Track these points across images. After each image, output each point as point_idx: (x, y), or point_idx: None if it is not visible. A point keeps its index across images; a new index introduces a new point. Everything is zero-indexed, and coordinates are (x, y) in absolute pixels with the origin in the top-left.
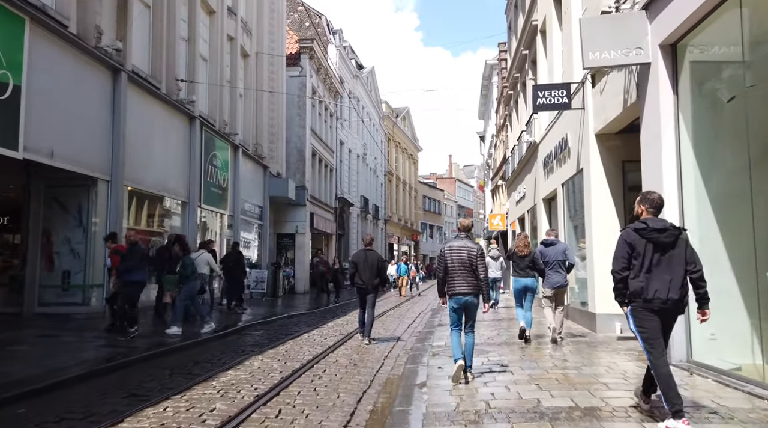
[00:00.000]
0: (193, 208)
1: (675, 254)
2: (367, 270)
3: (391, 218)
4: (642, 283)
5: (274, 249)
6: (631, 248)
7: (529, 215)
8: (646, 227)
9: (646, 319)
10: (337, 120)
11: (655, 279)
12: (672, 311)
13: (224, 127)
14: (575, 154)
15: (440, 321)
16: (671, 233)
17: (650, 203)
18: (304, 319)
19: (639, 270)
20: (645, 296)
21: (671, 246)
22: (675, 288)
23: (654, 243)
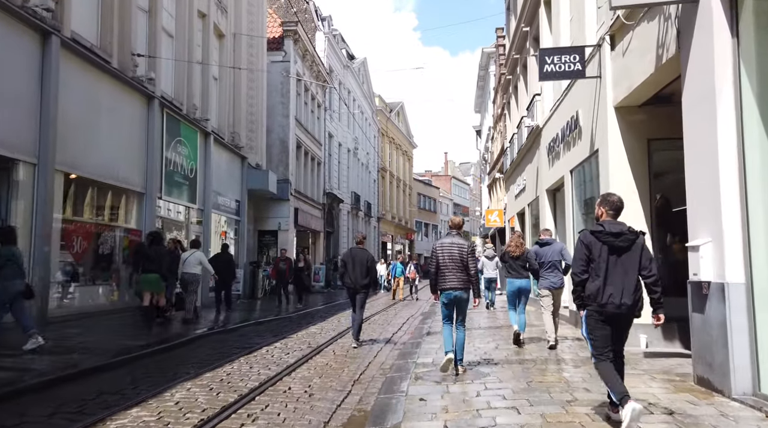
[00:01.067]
0: (151, 199)
1: (630, 259)
2: (356, 270)
3: (385, 215)
4: (597, 287)
5: (254, 247)
6: (588, 250)
7: (530, 209)
8: (603, 230)
9: (597, 327)
10: (325, 111)
11: (609, 284)
12: (625, 317)
13: (193, 111)
14: (588, 133)
15: (430, 329)
16: (627, 238)
17: (610, 205)
18: (274, 326)
19: (595, 274)
20: (599, 300)
21: (626, 250)
22: (628, 293)
23: (609, 247)
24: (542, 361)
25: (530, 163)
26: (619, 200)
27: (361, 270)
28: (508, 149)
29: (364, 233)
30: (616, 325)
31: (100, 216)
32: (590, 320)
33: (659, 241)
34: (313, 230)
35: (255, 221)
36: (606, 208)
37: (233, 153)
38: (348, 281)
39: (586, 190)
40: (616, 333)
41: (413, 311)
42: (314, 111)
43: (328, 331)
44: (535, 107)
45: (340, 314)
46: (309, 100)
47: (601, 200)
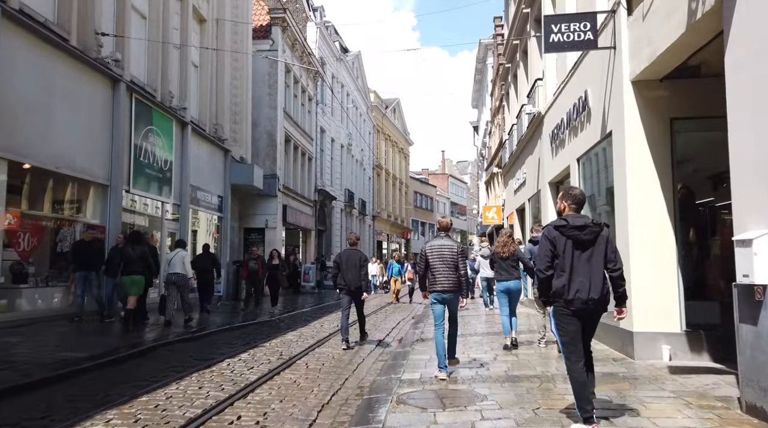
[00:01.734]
0: (116, 193)
1: (595, 252)
2: (350, 271)
3: (380, 214)
4: (563, 282)
5: (239, 246)
6: (553, 246)
7: (530, 204)
8: (567, 224)
9: (567, 323)
10: (317, 105)
11: (575, 278)
12: (593, 312)
13: (169, 99)
14: (599, 115)
15: (422, 335)
16: (591, 231)
17: (572, 199)
18: (249, 332)
19: (561, 269)
20: (566, 296)
21: (591, 243)
22: (596, 288)
23: (574, 241)
24: (548, 378)
25: (531, 154)
26: (581, 194)
27: (356, 272)
28: (507, 142)
29: (358, 232)
30: (585, 321)
31: (56, 210)
32: (559, 315)
33: (683, 237)
34: (303, 228)
35: (240, 218)
36: (568, 202)
37: (215, 146)
38: (341, 283)
39: (596, 180)
40: (587, 327)
41: (405, 315)
42: (305, 104)
43: (306, 338)
44: (536, 93)
45: (325, 317)
46: (299, 93)
47: (563, 194)
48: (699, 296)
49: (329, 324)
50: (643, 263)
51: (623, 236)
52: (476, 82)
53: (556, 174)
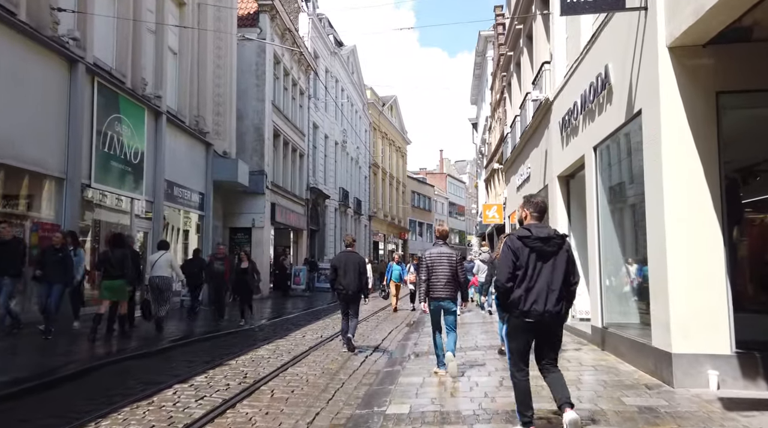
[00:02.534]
0: (74, 187)
1: (557, 264)
2: (348, 274)
3: (376, 214)
4: (520, 293)
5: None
6: (515, 256)
7: None
8: (530, 234)
9: (519, 334)
10: (309, 99)
11: (533, 290)
12: (549, 324)
13: (142, 86)
14: (624, 92)
15: (415, 348)
16: (555, 242)
17: (534, 208)
18: (219, 344)
19: (521, 280)
20: (522, 307)
21: (554, 255)
22: (552, 300)
23: (537, 252)
24: None
25: (536, 147)
26: (543, 202)
27: (354, 275)
28: (509, 135)
29: (354, 233)
30: (542, 333)
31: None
32: (513, 323)
33: (731, 235)
34: (294, 227)
35: (225, 217)
36: (530, 210)
37: (196, 139)
38: (339, 287)
39: (617, 171)
40: (546, 342)
41: (398, 322)
42: (296, 98)
43: (281, 353)
44: (543, 78)
45: (310, 325)
46: (290, 86)
47: (524, 202)
48: (751, 307)
49: (312, 335)
50: (683, 267)
51: (657, 236)
52: (475, 77)
53: (566, 166)
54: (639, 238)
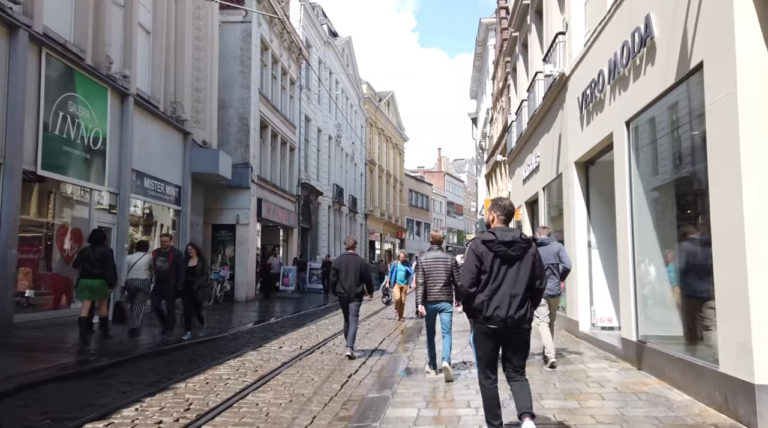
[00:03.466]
0: (12, 173)
1: (521, 269)
2: (349, 277)
3: (373, 212)
4: (483, 299)
5: (204, 244)
6: (479, 261)
7: (545, 194)
8: (494, 238)
9: (484, 339)
10: (300, 90)
11: (496, 295)
12: (513, 330)
13: (106, 65)
14: (675, 44)
15: (409, 363)
16: (519, 246)
17: (501, 210)
18: (176, 358)
19: (485, 285)
20: (485, 312)
21: (518, 259)
22: (515, 306)
23: (501, 256)
24: None
25: (547, 132)
26: (510, 205)
27: (355, 278)
28: (514, 124)
29: (348, 232)
30: (506, 340)
31: None
32: (477, 332)
33: None
34: (284, 225)
35: (207, 213)
36: (497, 213)
37: (172, 127)
38: (340, 290)
39: (660, 148)
40: (511, 348)
41: (390, 330)
42: (286, 88)
43: (245, 373)
44: (556, 52)
45: (291, 332)
46: (279, 74)
47: (491, 205)
48: None
49: (290, 345)
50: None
51: (729, 233)
52: (475, 68)
53: (586, 150)
54: (690, 234)
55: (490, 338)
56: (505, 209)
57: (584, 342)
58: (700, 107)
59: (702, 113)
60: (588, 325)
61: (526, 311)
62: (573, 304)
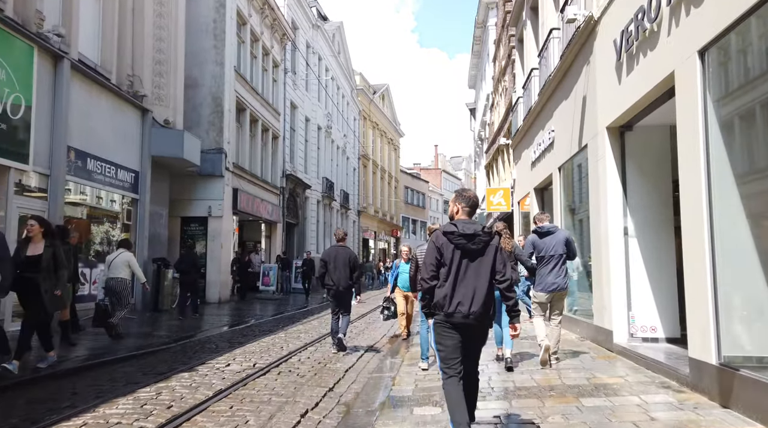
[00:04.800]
0: None
1: (483, 262)
2: (338, 269)
3: (366, 209)
4: (444, 293)
5: (172, 239)
6: (440, 253)
7: (562, 175)
8: (455, 230)
9: (445, 336)
10: (285, 74)
11: (458, 290)
12: (476, 327)
13: (36, 21)
14: None
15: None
16: (481, 240)
17: (466, 202)
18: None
19: (445, 279)
20: (446, 309)
21: (480, 253)
22: (479, 301)
23: (462, 250)
24: None
25: (566, 98)
26: (475, 196)
27: (344, 270)
28: (521, 100)
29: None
30: (466, 336)
31: None
32: (438, 327)
33: None
34: (266, 219)
35: (175, 204)
36: (462, 204)
37: (126, 102)
38: (329, 282)
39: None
40: (468, 347)
41: (377, 336)
42: (268, 70)
43: (152, 411)
44: None
45: (250, 344)
46: (260, 54)
47: (455, 196)
48: None
49: (240, 363)
50: None
51: None
52: (474, 54)
53: (626, 108)
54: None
55: (452, 334)
56: (470, 201)
57: (622, 359)
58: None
59: None
60: (625, 335)
61: (489, 307)
62: (603, 308)
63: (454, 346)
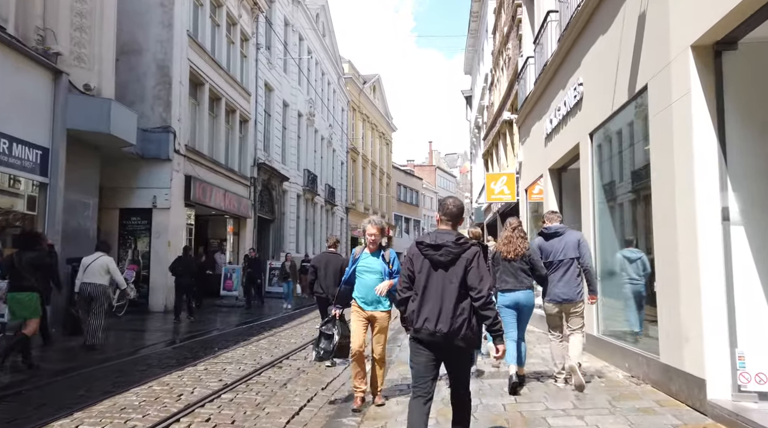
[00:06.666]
0: None
1: (452, 276)
2: (328, 277)
3: (355, 206)
4: (413, 308)
5: (109, 236)
6: (411, 264)
7: (592, 145)
8: (425, 241)
9: (416, 352)
10: (258, 49)
11: (425, 305)
12: (444, 346)
13: None
14: None
15: None
16: (448, 251)
17: (442, 211)
18: None
19: (415, 292)
20: (415, 324)
21: (450, 265)
22: (446, 318)
23: (431, 261)
24: None
25: (603, 33)
26: (452, 204)
27: (334, 278)
28: (531, 59)
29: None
30: (439, 353)
31: None
32: (411, 343)
33: None
34: (233, 214)
35: (110, 192)
36: (440, 214)
37: (31, 60)
38: (318, 290)
39: None
40: (447, 366)
41: (295, 406)
42: (235, 43)
43: None
44: None
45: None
46: (223, 23)
47: (438, 206)
48: None
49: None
50: None
51: None
52: (470, 34)
53: (735, 3)
54: None
55: (421, 351)
56: (446, 209)
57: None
58: None
59: None
60: (726, 389)
61: (461, 326)
62: (685, 339)
63: (424, 364)
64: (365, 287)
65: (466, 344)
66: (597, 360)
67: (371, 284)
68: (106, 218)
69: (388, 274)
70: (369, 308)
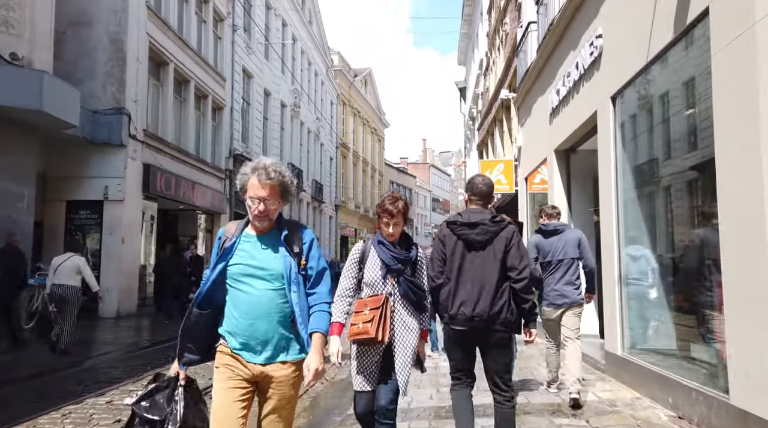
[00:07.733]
0: None
1: (490, 256)
2: None
3: (346, 204)
4: (447, 292)
5: (54, 232)
6: (443, 246)
7: (617, 109)
8: (458, 220)
9: (450, 343)
10: (234, 31)
11: (461, 288)
12: (484, 331)
13: None
14: None
15: None
16: (485, 229)
17: (472, 190)
18: None
19: (447, 276)
20: (449, 310)
21: (487, 244)
22: (486, 300)
23: (465, 242)
24: None
25: None
26: (482, 182)
27: None
28: (533, 25)
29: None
30: (477, 342)
31: None
32: (445, 335)
33: None
34: (205, 209)
35: (54, 182)
36: (469, 193)
37: None
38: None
39: None
40: (486, 356)
41: None
42: (207, 22)
43: None
44: None
45: None
46: None
47: (466, 185)
48: None
49: None
50: None
51: None
52: (464, 20)
53: None
54: None
55: (456, 342)
56: (477, 188)
57: None
58: None
59: None
60: None
61: (501, 309)
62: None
63: (461, 358)
64: (248, 309)
65: (506, 328)
66: (624, 388)
67: (261, 303)
68: (50, 212)
69: (295, 282)
70: (257, 357)
